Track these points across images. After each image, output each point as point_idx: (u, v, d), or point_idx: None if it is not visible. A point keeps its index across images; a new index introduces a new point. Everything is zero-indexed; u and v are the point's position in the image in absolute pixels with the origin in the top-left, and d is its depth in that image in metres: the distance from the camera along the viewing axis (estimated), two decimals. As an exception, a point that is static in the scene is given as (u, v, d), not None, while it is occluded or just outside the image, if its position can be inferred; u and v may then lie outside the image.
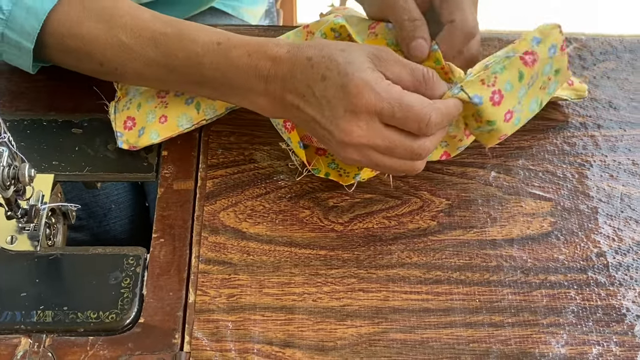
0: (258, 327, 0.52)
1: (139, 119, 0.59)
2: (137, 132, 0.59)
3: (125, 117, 0.60)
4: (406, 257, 0.56)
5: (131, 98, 0.60)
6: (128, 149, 0.59)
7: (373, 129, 0.49)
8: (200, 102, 0.59)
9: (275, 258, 0.56)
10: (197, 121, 0.59)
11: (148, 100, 0.60)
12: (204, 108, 0.59)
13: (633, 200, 0.61)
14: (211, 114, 0.59)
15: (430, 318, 0.53)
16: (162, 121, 0.59)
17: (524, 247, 0.57)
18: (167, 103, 0.59)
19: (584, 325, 0.54)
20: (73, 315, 0.52)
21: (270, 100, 0.53)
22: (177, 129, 0.59)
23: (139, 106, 0.59)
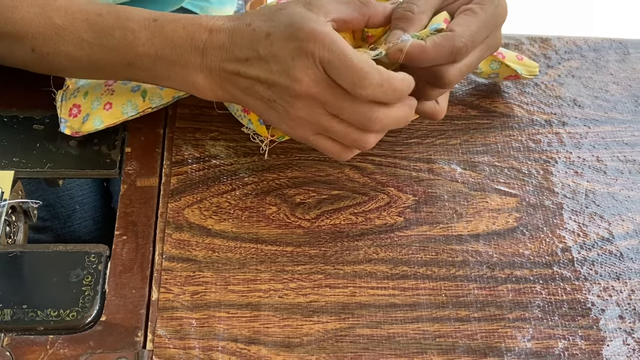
0: (223, 325, 0.51)
1: (85, 106, 0.58)
2: (81, 118, 0.58)
3: (71, 104, 0.59)
4: (373, 252, 0.56)
5: (79, 87, 0.60)
6: (71, 135, 0.58)
7: (321, 79, 0.48)
8: (146, 89, 0.58)
9: (241, 255, 0.55)
10: (142, 109, 0.58)
11: (95, 88, 0.59)
12: (150, 95, 0.58)
13: (597, 196, 0.61)
14: (157, 101, 0.58)
15: (397, 313, 0.53)
16: (106, 108, 0.58)
17: (490, 242, 0.57)
18: (113, 90, 0.59)
19: (550, 319, 0.54)
20: (32, 314, 0.51)
21: (207, 75, 0.52)
22: (121, 116, 0.58)
23: (86, 94, 0.59)
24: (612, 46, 0.73)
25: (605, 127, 0.66)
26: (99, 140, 0.60)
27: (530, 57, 0.71)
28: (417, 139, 0.63)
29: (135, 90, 0.58)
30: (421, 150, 0.62)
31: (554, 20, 1.65)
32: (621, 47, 0.73)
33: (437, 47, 0.51)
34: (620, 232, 0.59)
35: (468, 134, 0.64)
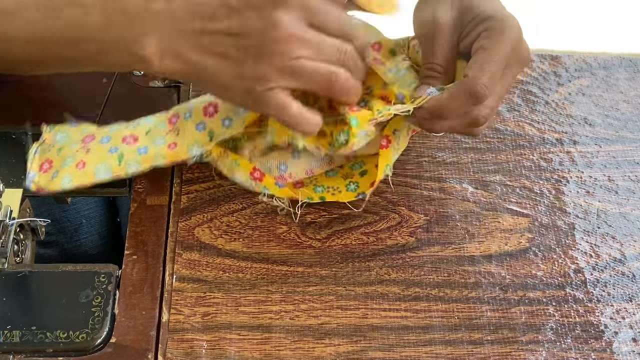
0: (234, 347, 0.51)
1: (56, 162, 0.55)
2: (50, 174, 0.54)
3: (44, 159, 0.55)
4: (385, 273, 0.56)
5: (55, 142, 0.56)
6: (35, 191, 0.54)
7: (302, 22, 0.48)
8: (123, 153, 0.55)
9: (252, 275, 0.55)
10: (116, 173, 0.55)
11: (71, 144, 0.55)
12: (127, 160, 0.55)
13: (609, 216, 0.61)
14: (133, 168, 0.55)
15: (409, 336, 0.53)
16: (79, 167, 0.54)
17: (502, 263, 0.57)
18: (89, 149, 0.55)
19: (563, 342, 0.53)
20: (42, 335, 0.50)
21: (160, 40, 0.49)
22: (93, 177, 0.54)
23: (60, 150, 0.55)
24: (622, 64, 0.73)
25: (617, 146, 0.66)
26: (109, 158, 0.59)
27: (541, 74, 0.70)
28: (428, 157, 0.63)
29: (112, 152, 0.55)
30: (432, 169, 0.62)
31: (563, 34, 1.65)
32: (631, 65, 0.73)
33: (452, 97, 0.51)
34: (633, 253, 0.59)
35: (479, 153, 0.64)
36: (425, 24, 0.54)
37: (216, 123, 0.56)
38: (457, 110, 0.52)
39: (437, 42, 0.53)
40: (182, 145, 0.55)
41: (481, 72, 0.50)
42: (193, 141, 0.55)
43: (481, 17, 0.52)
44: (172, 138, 0.55)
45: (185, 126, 0.56)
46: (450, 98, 0.51)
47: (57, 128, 0.57)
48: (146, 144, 0.55)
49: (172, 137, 0.55)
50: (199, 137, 0.55)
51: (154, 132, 0.56)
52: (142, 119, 0.57)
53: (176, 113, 0.57)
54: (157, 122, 0.56)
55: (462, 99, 0.51)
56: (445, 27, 0.53)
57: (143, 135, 0.56)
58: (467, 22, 0.53)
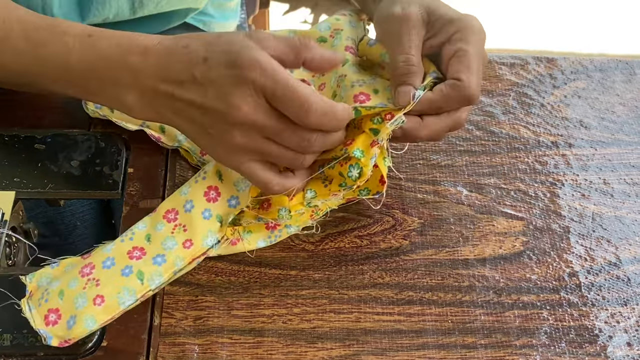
0: (226, 351, 0.51)
1: (65, 308, 0.49)
2: (64, 323, 0.49)
3: (45, 311, 0.49)
4: (378, 277, 0.55)
5: (47, 288, 0.50)
6: (59, 345, 0.49)
7: (260, 105, 0.46)
8: (140, 269, 0.50)
9: (244, 279, 0.54)
10: (142, 293, 0.50)
11: (70, 283, 0.50)
12: (148, 276, 0.50)
13: (604, 219, 0.61)
14: (157, 281, 0.50)
15: (403, 340, 0.52)
16: (97, 303, 0.49)
17: (497, 267, 0.57)
18: (98, 280, 0.50)
19: (557, 346, 0.53)
20: (33, 339, 0.50)
21: (139, 94, 0.50)
22: (118, 308, 0.49)
23: (61, 293, 0.49)
24: (618, 66, 0.72)
25: (612, 149, 0.66)
26: (101, 161, 0.59)
27: (537, 76, 0.70)
28: (422, 160, 0.62)
29: (127, 274, 0.50)
30: (426, 171, 0.62)
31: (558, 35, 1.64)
32: (627, 67, 0.72)
33: (446, 97, 0.51)
34: (628, 256, 0.59)
35: (474, 156, 0.63)
36: (395, 18, 0.53)
37: (222, 206, 0.53)
38: (445, 108, 0.52)
39: (408, 37, 0.52)
40: (196, 240, 0.52)
41: (472, 75, 0.51)
42: (206, 231, 0.52)
43: (446, 19, 0.53)
44: (183, 236, 0.52)
45: (191, 219, 0.52)
46: (442, 98, 0.51)
47: (37, 274, 0.52)
48: (157, 252, 0.51)
49: (182, 235, 0.52)
50: (209, 225, 0.52)
51: (156, 236, 0.52)
52: (133, 226, 0.53)
53: (170, 208, 0.53)
54: (151, 224, 0.53)
55: (455, 100, 0.51)
56: (417, 22, 0.53)
57: (145, 243, 0.52)
58: (432, 22, 0.53)
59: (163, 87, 0.48)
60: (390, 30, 0.54)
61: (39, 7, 0.73)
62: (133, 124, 0.59)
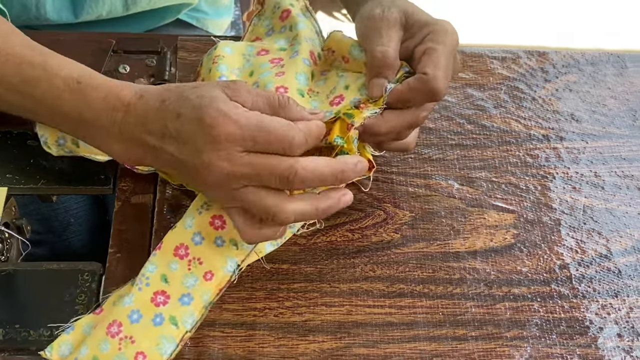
0: (217, 344, 0.51)
1: None
2: None
3: None
4: (369, 270, 0.56)
5: (77, 357, 0.47)
6: None
7: (235, 157, 0.46)
8: (172, 315, 0.49)
9: (236, 272, 0.55)
10: (180, 337, 0.49)
11: (101, 347, 0.47)
12: (181, 319, 0.49)
13: (595, 212, 0.61)
14: (190, 321, 0.49)
15: (394, 332, 0.53)
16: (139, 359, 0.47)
17: (487, 259, 0.57)
18: (132, 336, 0.48)
19: (548, 338, 0.53)
20: (25, 333, 0.50)
21: (125, 145, 0.50)
22: (162, 358, 0.48)
23: (95, 359, 0.47)
24: (609, 60, 0.72)
25: (603, 142, 0.66)
26: (94, 156, 0.59)
27: (528, 70, 0.70)
28: (413, 154, 0.63)
29: (159, 324, 0.48)
30: (418, 165, 0.62)
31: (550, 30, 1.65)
32: (619, 60, 0.73)
33: (412, 90, 0.52)
34: (618, 248, 0.59)
35: (465, 149, 0.64)
36: (376, 18, 0.55)
37: (232, 231, 0.51)
38: (412, 102, 0.53)
39: (387, 34, 0.54)
40: (216, 269, 0.51)
41: (439, 71, 0.52)
42: (224, 259, 0.51)
43: (422, 23, 0.55)
44: (201, 269, 0.51)
45: (204, 252, 0.51)
46: (409, 91, 0.52)
47: (54, 346, 0.48)
48: (181, 292, 0.50)
49: (200, 269, 0.51)
50: (226, 251, 0.52)
51: (173, 276, 0.51)
52: (143, 269, 0.51)
53: (179, 244, 0.52)
54: (163, 263, 0.51)
55: (421, 94, 0.52)
56: (395, 22, 0.54)
57: (165, 285, 0.50)
58: (410, 25, 0.55)
59: (147, 139, 0.49)
60: (371, 27, 0.55)
61: (33, 4, 0.73)
62: (102, 156, 0.57)
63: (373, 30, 0.54)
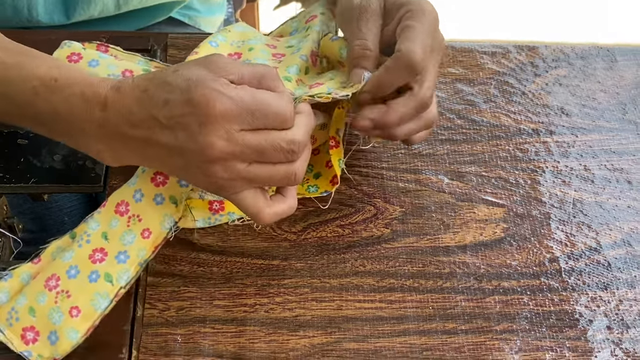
0: (208, 340, 0.51)
1: (40, 324, 0.48)
2: (46, 340, 0.48)
3: (20, 330, 0.48)
4: (360, 265, 0.56)
5: (13, 306, 0.49)
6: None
7: (234, 136, 0.45)
8: (107, 272, 0.50)
9: (227, 269, 0.55)
10: (114, 293, 0.50)
11: (38, 299, 0.49)
12: (116, 276, 0.50)
13: (585, 205, 0.61)
14: (125, 277, 0.51)
15: (384, 326, 0.53)
16: (74, 314, 0.49)
17: (477, 253, 0.57)
18: (68, 291, 0.49)
19: (538, 331, 0.54)
20: (16, 332, 0.50)
21: (108, 143, 0.48)
22: (96, 313, 0.49)
23: (31, 310, 0.49)
24: (599, 54, 0.73)
25: (593, 135, 0.66)
26: (84, 155, 0.59)
27: (518, 65, 0.71)
28: (404, 149, 0.63)
29: (94, 280, 0.50)
30: (408, 160, 0.62)
31: (540, 25, 1.65)
32: (608, 54, 0.73)
33: (388, 70, 0.51)
34: (608, 241, 0.59)
35: (455, 144, 0.64)
36: (354, 8, 0.54)
37: (173, 187, 0.52)
38: (395, 82, 0.52)
39: (365, 25, 0.53)
40: (154, 227, 0.52)
41: (413, 44, 0.50)
42: (162, 217, 0.52)
43: (399, 4, 0.53)
44: (140, 226, 0.52)
45: (144, 209, 0.52)
46: (386, 72, 0.51)
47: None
48: (118, 249, 0.51)
49: (139, 226, 0.52)
50: (164, 209, 0.52)
51: (113, 233, 0.51)
52: (85, 225, 0.52)
53: (120, 200, 0.52)
54: (104, 221, 0.52)
55: (399, 71, 0.51)
56: (374, 12, 0.54)
57: (104, 242, 0.51)
58: (388, 9, 0.54)
59: (132, 133, 0.47)
60: (349, 18, 0.54)
61: (25, 7, 0.73)
62: None
63: (352, 21, 0.54)
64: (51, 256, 0.51)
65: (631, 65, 0.72)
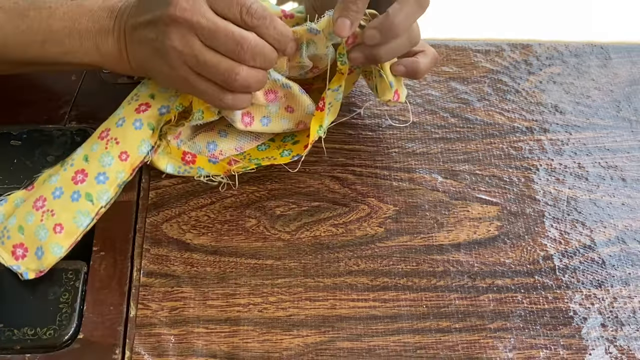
0: (201, 340, 0.51)
1: (29, 241, 0.52)
2: (33, 256, 0.52)
3: (11, 247, 0.53)
4: (353, 264, 0.56)
5: (5, 226, 0.53)
6: (36, 276, 0.52)
7: (199, 5, 0.49)
8: (87, 192, 0.54)
9: (220, 269, 0.55)
10: (94, 212, 0.54)
11: (27, 218, 0.53)
12: (96, 195, 0.54)
13: (579, 203, 0.61)
14: (105, 197, 0.54)
15: (378, 325, 0.53)
16: (58, 231, 0.52)
17: (471, 251, 0.57)
18: (52, 210, 0.53)
19: (532, 329, 0.54)
20: (9, 333, 0.50)
21: (117, 38, 0.54)
22: (78, 230, 0.53)
23: (21, 229, 0.53)
24: (593, 51, 0.73)
25: (587, 133, 0.66)
26: (77, 155, 0.59)
27: (512, 63, 0.71)
28: (397, 148, 0.63)
29: (76, 199, 0.53)
30: (402, 159, 0.62)
31: (534, 23, 1.65)
32: (602, 52, 0.73)
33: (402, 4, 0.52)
34: (602, 239, 0.59)
35: (449, 143, 0.64)
36: None
37: (152, 114, 0.56)
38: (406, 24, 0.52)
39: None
40: (131, 149, 0.55)
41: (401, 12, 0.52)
42: (139, 140, 0.55)
43: None
44: (117, 149, 0.54)
45: (124, 132, 0.55)
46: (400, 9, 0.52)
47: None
48: (97, 170, 0.54)
49: (117, 148, 0.54)
50: (142, 133, 0.55)
51: (93, 155, 0.54)
52: (73, 153, 0.56)
53: (104, 128, 0.56)
54: (87, 146, 0.55)
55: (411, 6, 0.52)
56: None
57: (85, 165, 0.54)
58: None
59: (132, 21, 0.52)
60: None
61: None
62: None
63: None
64: (42, 183, 0.55)
65: (625, 62, 0.72)
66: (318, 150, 0.61)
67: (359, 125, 0.64)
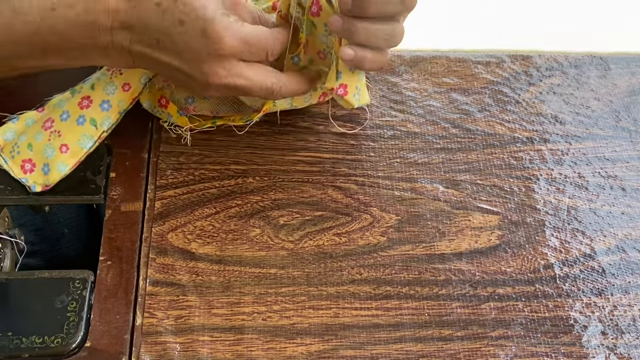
0: (206, 348, 0.52)
1: (36, 158, 0.58)
2: (40, 171, 0.58)
3: (20, 162, 0.58)
4: (356, 273, 0.56)
5: (16, 142, 0.58)
6: (42, 190, 0.58)
7: (235, 69, 0.52)
8: (92, 117, 0.58)
9: (225, 278, 0.55)
10: (97, 136, 0.59)
11: (36, 137, 0.58)
12: (99, 121, 0.58)
13: (579, 212, 0.62)
14: (107, 123, 0.59)
15: (380, 334, 0.53)
16: (64, 150, 0.58)
17: (473, 260, 0.58)
18: (59, 131, 0.58)
19: (533, 337, 0.54)
20: (17, 341, 0.51)
21: (119, 52, 0.53)
22: (82, 151, 0.58)
23: (30, 146, 0.58)
24: (592, 62, 0.74)
25: (587, 143, 0.67)
26: (84, 166, 0.60)
27: (512, 74, 0.71)
28: (399, 158, 0.64)
29: (81, 123, 0.58)
30: (403, 169, 0.63)
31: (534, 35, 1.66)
32: (602, 62, 0.74)
33: None
34: (602, 247, 0.60)
35: (450, 153, 0.65)
36: None
37: None
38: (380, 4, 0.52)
39: None
40: (133, 81, 0.59)
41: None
42: (140, 73, 0.59)
43: None
44: (121, 79, 0.58)
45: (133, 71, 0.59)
46: None
47: (0, 130, 0.59)
48: (102, 98, 0.58)
49: (119, 79, 0.58)
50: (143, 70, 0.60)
51: (99, 84, 0.59)
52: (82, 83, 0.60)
53: None
54: (96, 77, 0.59)
55: None
56: None
57: (91, 92, 0.58)
58: None
59: (138, 48, 0.52)
60: None
61: None
62: None
63: None
64: (52, 106, 0.59)
65: (624, 73, 0.73)
66: (321, 160, 0.62)
67: (361, 136, 0.65)
